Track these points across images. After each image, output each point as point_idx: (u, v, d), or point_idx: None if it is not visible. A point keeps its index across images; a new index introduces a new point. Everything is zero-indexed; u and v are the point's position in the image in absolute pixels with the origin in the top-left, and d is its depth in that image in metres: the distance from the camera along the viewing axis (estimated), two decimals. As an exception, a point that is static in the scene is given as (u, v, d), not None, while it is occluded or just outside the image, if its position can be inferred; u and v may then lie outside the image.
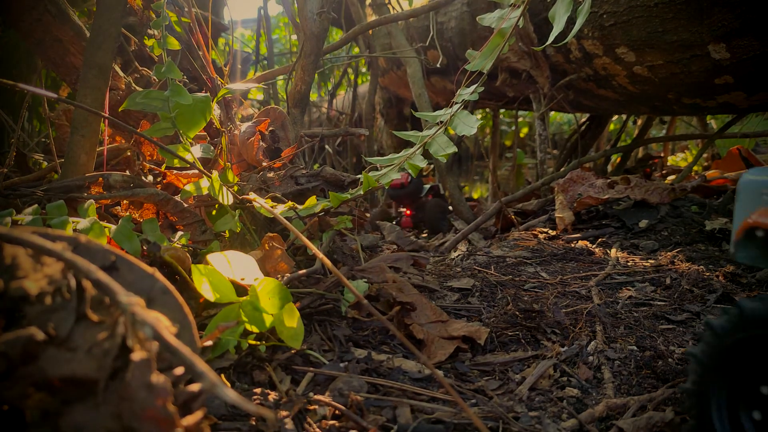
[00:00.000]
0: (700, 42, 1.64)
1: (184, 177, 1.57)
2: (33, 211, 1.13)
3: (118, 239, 1.14)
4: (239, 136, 1.78)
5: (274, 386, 0.96)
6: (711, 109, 2.29)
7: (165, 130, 1.30)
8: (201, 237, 1.39)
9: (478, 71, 1.44)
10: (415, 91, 2.81)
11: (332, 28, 4.29)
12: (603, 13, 1.97)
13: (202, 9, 2.11)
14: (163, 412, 0.49)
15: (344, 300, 1.25)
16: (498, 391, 1.05)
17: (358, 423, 0.86)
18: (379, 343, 1.19)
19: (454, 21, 2.95)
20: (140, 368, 0.50)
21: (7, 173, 1.59)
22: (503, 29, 1.43)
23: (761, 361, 0.66)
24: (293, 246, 1.52)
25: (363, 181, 1.40)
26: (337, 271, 0.77)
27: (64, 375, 0.52)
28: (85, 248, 0.61)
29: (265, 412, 0.49)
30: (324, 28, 1.93)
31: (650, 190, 2.26)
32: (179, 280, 1.13)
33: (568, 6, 1.33)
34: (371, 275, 1.42)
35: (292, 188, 1.64)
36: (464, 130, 1.39)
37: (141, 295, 0.58)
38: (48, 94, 0.89)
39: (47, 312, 0.54)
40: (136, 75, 1.86)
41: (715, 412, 0.72)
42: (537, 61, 2.59)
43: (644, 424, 0.90)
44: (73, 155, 1.36)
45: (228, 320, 0.94)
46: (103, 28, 1.34)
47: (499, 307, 1.47)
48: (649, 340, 1.25)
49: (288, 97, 2.03)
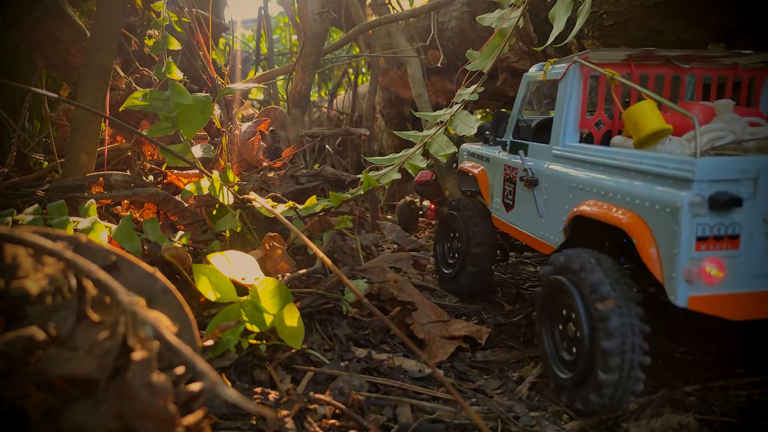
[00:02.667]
0: (700, 42, 1.64)
1: (184, 177, 1.57)
2: (34, 211, 1.14)
3: (119, 239, 1.14)
4: (240, 136, 1.78)
5: (274, 385, 0.96)
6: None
7: (165, 130, 1.31)
8: (201, 237, 1.39)
9: (479, 71, 1.44)
10: (415, 91, 2.81)
11: (332, 28, 4.29)
12: (603, 12, 1.97)
13: (203, 9, 2.11)
14: (164, 411, 0.49)
15: (344, 299, 1.25)
16: (498, 390, 1.06)
17: (358, 422, 0.86)
18: (380, 342, 1.19)
19: (454, 21, 2.94)
20: (141, 368, 0.50)
21: (7, 173, 1.59)
22: (503, 29, 1.43)
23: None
24: (294, 245, 1.52)
25: (363, 180, 1.40)
26: (337, 271, 0.77)
27: (65, 374, 0.52)
28: (85, 248, 0.61)
29: (265, 411, 0.49)
30: (324, 28, 1.93)
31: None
32: (180, 280, 1.13)
33: (568, 6, 1.33)
34: (372, 275, 1.42)
35: (293, 188, 1.64)
36: (464, 130, 1.39)
37: (142, 294, 0.58)
38: (48, 94, 0.89)
39: (48, 312, 0.54)
40: (136, 75, 1.87)
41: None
42: (537, 61, 2.58)
43: (659, 427, 0.89)
44: (74, 155, 1.36)
45: (229, 320, 0.94)
46: (104, 28, 1.35)
47: (499, 306, 1.47)
48: (649, 340, 1.25)
49: (288, 97, 2.03)
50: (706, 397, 0.99)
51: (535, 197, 1.17)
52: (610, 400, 0.88)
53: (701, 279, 0.80)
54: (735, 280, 0.82)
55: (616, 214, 0.90)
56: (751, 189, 0.81)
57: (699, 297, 0.80)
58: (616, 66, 1.10)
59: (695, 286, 0.80)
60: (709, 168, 0.80)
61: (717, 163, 0.81)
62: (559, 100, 1.13)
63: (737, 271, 0.82)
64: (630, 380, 0.87)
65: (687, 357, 1.18)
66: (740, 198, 0.79)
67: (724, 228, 0.80)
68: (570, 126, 1.11)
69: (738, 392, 1.01)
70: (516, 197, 1.27)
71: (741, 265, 0.82)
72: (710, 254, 0.80)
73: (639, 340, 0.86)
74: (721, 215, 0.80)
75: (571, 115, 1.11)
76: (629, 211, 0.89)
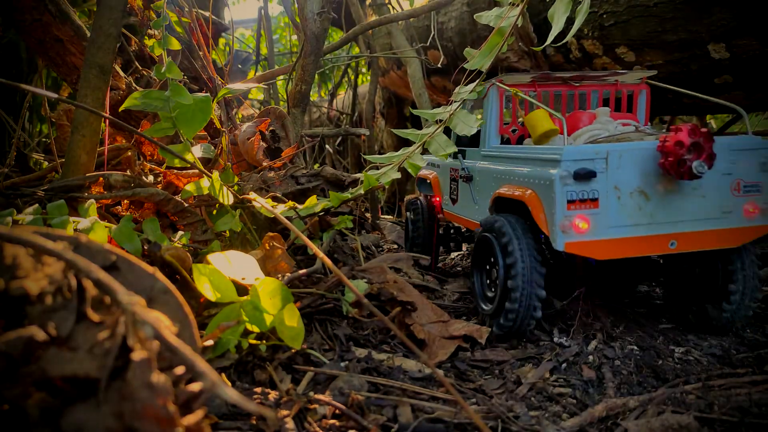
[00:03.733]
0: (700, 42, 1.64)
1: (184, 177, 1.57)
2: (34, 211, 1.14)
3: (119, 239, 1.14)
4: (239, 136, 1.78)
5: (274, 385, 0.96)
6: (711, 109, 2.29)
7: (165, 130, 1.31)
8: (201, 237, 1.39)
9: (477, 70, 1.44)
10: (415, 91, 2.81)
11: (332, 28, 4.29)
12: (602, 12, 1.97)
13: (203, 9, 2.11)
14: (164, 411, 0.49)
15: (344, 300, 1.25)
16: (498, 390, 1.05)
17: (358, 422, 0.86)
18: (380, 342, 1.19)
19: (454, 21, 2.95)
20: (141, 368, 0.50)
21: (7, 173, 1.60)
22: (502, 28, 1.43)
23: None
24: (294, 246, 1.52)
25: (363, 180, 1.40)
26: (338, 271, 0.77)
27: (65, 374, 0.52)
28: (85, 248, 0.61)
29: (265, 411, 0.49)
30: (324, 28, 1.93)
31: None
32: (180, 280, 1.13)
33: (567, 6, 1.33)
34: (372, 275, 1.42)
35: (293, 188, 1.65)
36: (464, 129, 1.39)
37: (141, 294, 0.58)
38: (49, 94, 0.89)
39: (48, 312, 0.54)
40: (136, 75, 1.87)
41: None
42: (537, 61, 2.58)
43: (658, 426, 0.89)
44: (74, 155, 1.36)
45: (229, 320, 0.94)
46: (104, 28, 1.35)
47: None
48: (649, 340, 1.25)
49: (288, 97, 2.03)
50: (706, 396, 0.99)
51: (471, 189, 1.51)
52: (513, 323, 1.20)
53: (573, 230, 1.12)
54: (597, 230, 1.13)
55: (519, 192, 1.23)
56: (603, 166, 1.13)
57: (572, 243, 1.12)
58: (523, 86, 1.44)
59: (569, 235, 1.12)
60: (572, 152, 1.12)
61: (578, 149, 1.14)
62: (484, 113, 1.48)
63: (598, 224, 1.13)
64: (529, 308, 1.18)
65: (687, 357, 1.18)
66: (595, 171, 1.12)
67: (586, 193, 1.12)
68: (492, 132, 1.46)
69: (738, 391, 1.01)
70: (459, 192, 1.61)
71: (600, 220, 1.13)
72: (578, 212, 1.12)
73: (536, 278, 1.18)
74: (582, 184, 1.12)
75: (493, 124, 1.45)
76: (528, 189, 1.21)
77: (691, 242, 1.17)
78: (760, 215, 1.20)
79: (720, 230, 1.19)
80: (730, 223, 1.19)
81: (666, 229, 1.16)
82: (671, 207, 1.16)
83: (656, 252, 1.17)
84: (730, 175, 1.19)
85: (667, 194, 1.16)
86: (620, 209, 1.13)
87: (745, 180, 1.19)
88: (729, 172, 1.19)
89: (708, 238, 1.18)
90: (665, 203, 1.15)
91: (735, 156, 1.19)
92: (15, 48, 2.29)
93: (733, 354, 1.18)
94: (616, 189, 1.13)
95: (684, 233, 1.17)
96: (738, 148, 1.19)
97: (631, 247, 1.15)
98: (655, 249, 1.17)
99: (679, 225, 1.17)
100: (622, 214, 1.14)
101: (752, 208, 1.20)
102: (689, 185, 1.16)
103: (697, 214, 1.17)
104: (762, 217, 1.21)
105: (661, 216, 1.16)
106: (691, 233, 1.17)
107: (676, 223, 1.17)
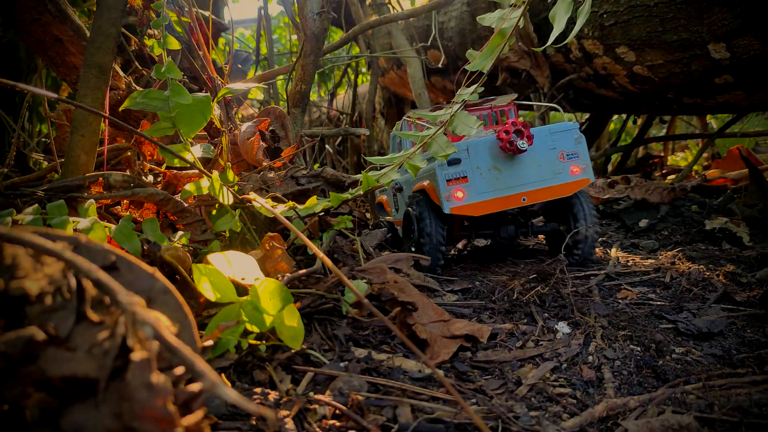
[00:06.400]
0: (700, 42, 1.64)
1: (184, 177, 1.57)
2: (33, 211, 1.13)
3: (119, 239, 1.14)
4: (239, 136, 1.78)
5: (274, 386, 0.96)
6: (711, 109, 2.29)
7: (165, 130, 1.30)
8: (201, 237, 1.39)
9: (479, 71, 1.44)
10: (415, 91, 2.81)
11: (332, 28, 4.29)
12: (603, 12, 1.97)
13: (202, 9, 2.11)
14: (164, 411, 0.49)
15: (344, 300, 1.25)
16: (498, 390, 1.05)
17: (358, 422, 0.86)
18: (380, 342, 1.19)
19: (454, 21, 2.95)
20: (140, 368, 0.50)
21: (7, 173, 1.59)
22: (503, 29, 1.43)
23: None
24: (293, 246, 1.52)
25: (363, 180, 1.40)
26: (337, 271, 0.77)
27: (64, 375, 0.52)
28: (85, 248, 0.61)
29: (265, 411, 0.49)
30: (324, 28, 1.93)
31: (650, 189, 2.26)
32: (179, 280, 1.13)
33: (568, 6, 1.33)
34: (372, 275, 1.42)
35: (293, 188, 1.65)
36: (464, 130, 1.39)
37: (141, 294, 0.58)
38: (48, 94, 0.89)
39: (47, 312, 0.54)
40: (136, 75, 1.86)
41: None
42: (537, 61, 2.59)
43: (658, 426, 0.89)
44: (74, 155, 1.36)
45: (228, 320, 0.94)
46: (103, 28, 1.35)
47: (498, 306, 1.47)
48: (649, 340, 1.25)
49: (288, 96, 2.03)
50: (706, 396, 0.99)
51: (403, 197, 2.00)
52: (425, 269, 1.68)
53: (453, 199, 1.61)
54: (470, 197, 1.61)
55: (423, 184, 1.72)
56: (466, 155, 1.62)
57: (455, 207, 1.61)
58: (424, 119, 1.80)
59: (451, 202, 1.60)
60: None
61: None
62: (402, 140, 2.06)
63: (470, 193, 1.62)
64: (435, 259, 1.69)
65: (687, 357, 1.18)
66: (460, 159, 1.61)
67: (458, 173, 1.61)
68: None
69: (738, 391, 1.01)
70: (397, 202, 2.08)
71: (471, 190, 1.62)
72: (455, 187, 1.61)
73: (438, 237, 1.69)
74: (454, 168, 1.61)
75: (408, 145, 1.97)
76: (426, 180, 1.71)
77: (536, 196, 1.65)
78: (582, 172, 1.68)
79: (555, 186, 1.67)
80: (563, 179, 1.67)
81: (517, 190, 1.63)
82: (518, 175, 1.64)
83: (514, 206, 1.65)
84: (555, 149, 1.68)
85: (513, 166, 1.64)
86: (483, 181, 1.62)
87: (567, 150, 1.68)
88: (554, 147, 1.68)
89: (548, 192, 1.66)
90: (513, 173, 1.63)
91: (557, 136, 1.68)
92: (14, 48, 2.29)
93: (734, 354, 1.18)
94: (477, 168, 1.63)
95: (530, 191, 1.65)
96: (557, 131, 1.69)
97: (495, 205, 1.63)
98: (513, 204, 1.64)
99: (526, 186, 1.64)
100: (485, 184, 1.62)
101: (576, 168, 1.68)
102: (527, 158, 1.64)
103: (537, 177, 1.65)
104: (583, 173, 1.68)
105: (512, 182, 1.63)
106: (535, 190, 1.65)
107: (524, 185, 1.64)
